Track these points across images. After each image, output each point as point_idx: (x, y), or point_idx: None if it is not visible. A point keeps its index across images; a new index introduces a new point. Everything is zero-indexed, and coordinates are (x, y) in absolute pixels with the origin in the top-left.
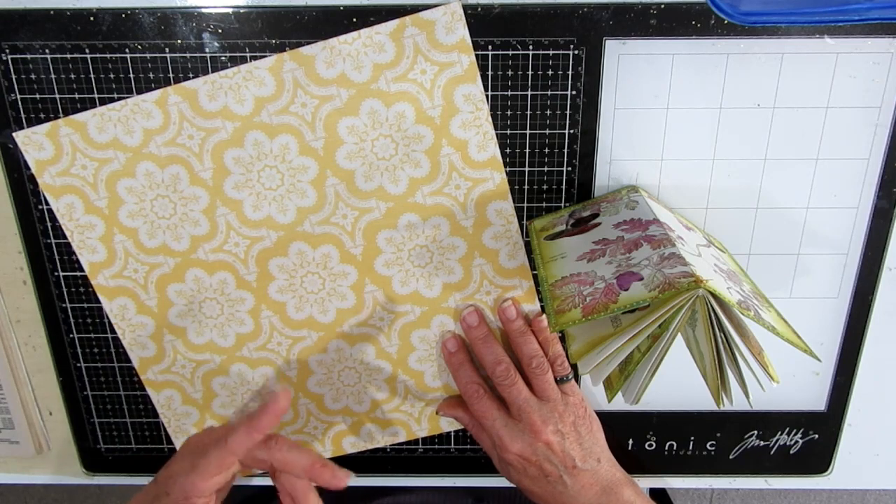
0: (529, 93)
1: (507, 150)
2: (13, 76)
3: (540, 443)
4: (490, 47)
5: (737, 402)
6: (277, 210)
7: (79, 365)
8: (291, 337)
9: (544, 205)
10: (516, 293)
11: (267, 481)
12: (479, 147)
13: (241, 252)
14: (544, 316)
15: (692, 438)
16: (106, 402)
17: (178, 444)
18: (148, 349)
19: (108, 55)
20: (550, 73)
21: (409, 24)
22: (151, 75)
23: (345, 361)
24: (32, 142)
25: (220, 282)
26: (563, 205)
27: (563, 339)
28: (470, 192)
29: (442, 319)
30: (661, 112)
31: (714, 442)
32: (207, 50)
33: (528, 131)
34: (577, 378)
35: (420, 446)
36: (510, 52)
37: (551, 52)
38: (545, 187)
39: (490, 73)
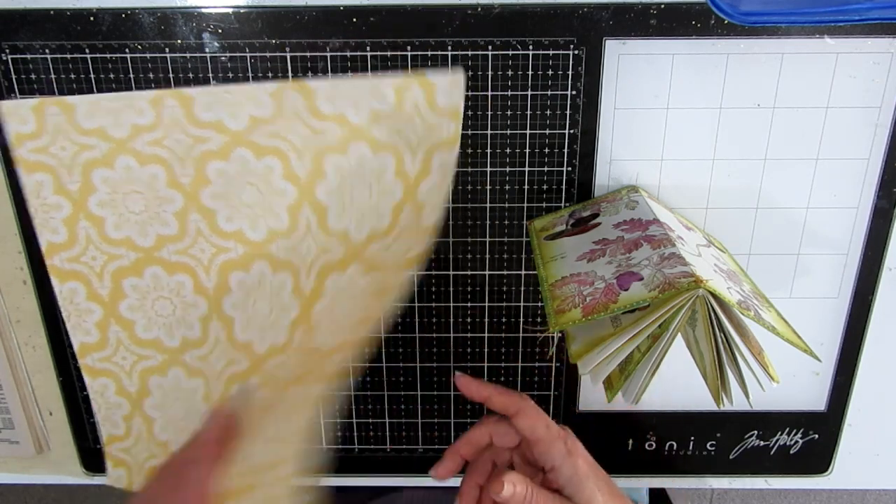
0: (529, 93)
1: (508, 150)
2: (13, 76)
3: None
4: (490, 47)
5: (737, 402)
6: (249, 227)
7: (79, 365)
8: (231, 357)
9: (544, 205)
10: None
11: None
12: (430, 213)
13: (205, 259)
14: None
15: (692, 438)
16: None
17: (103, 430)
18: (91, 335)
19: (108, 55)
20: (550, 73)
21: (414, 83)
22: (151, 75)
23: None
24: (17, 114)
25: (177, 283)
26: (563, 205)
27: (562, 340)
28: (401, 255)
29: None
30: (661, 112)
31: (714, 442)
32: (207, 50)
33: (528, 131)
34: (576, 381)
35: (420, 446)
36: (510, 52)
37: (551, 52)
38: (545, 187)
39: (490, 73)
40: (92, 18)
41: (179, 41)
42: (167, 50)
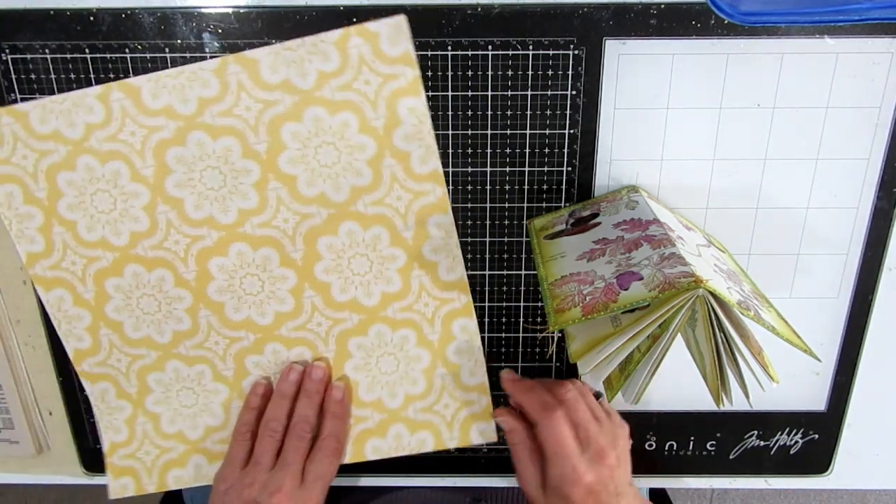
0: (529, 93)
1: (508, 150)
2: (13, 76)
3: (605, 469)
4: (490, 47)
5: (737, 402)
6: (219, 210)
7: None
8: (229, 337)
9: (544, 205)
10: (454, 306)
11: None
12: (422, 160)
13: (180, 250)
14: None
15: (692, 438)
16: None
17: (105, 438)
18: (83, 341)
19: (108, 55)
20: (550, 73)
21: (354, 34)
22: None
23: (281, 364)
24: None
25: (158, 278)
26: (563, 205)
27: (562, 339)
28: (411, 204)
29: (380, 328)
30: (661, 112)
31: (714, 442)
32: (207, 50)
33: (528, 131)
34: (576, 378)
35: None
36: (510, 52)
37: (551, 52)
38: (545, 187)
39: (490, 73)
40: (92, 18)
41: (179, 41)
42: (167, 50)
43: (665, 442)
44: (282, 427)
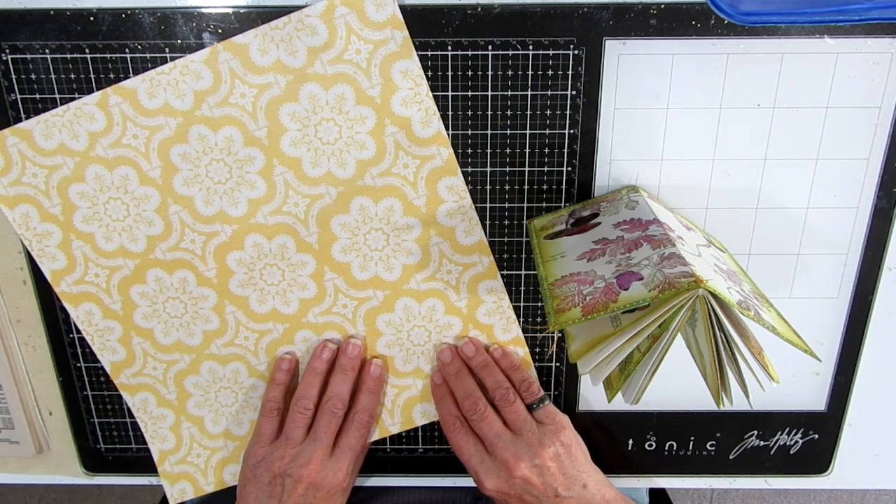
0: (529, 93)
1: (508, 150)
2: (13, 76)
3: (516, 479)
4: (490, 47)
5: (737, 402)
6: (229, 203)
7: (79, 365)
8: (257, 331)
9: (544, 205)
10: (477, 270)
11: None
12: (423, 123)
13: (197, 249)
14: (498, 347)
15: (692, 438)
16: (106, 402)
17: (153, 449)
18: (118, 353)
19: (108, 55)
20: (550, 73)
21: (339, 4)
22: None
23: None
24: None
25: (180, 280)
26: (563, 205)
27: (562, 339)
28: (418, 170)
29: (406, 302)
30: (661, 112)
31: (714, 442)
32: None
33: (528, 131)
34: (576, 381)
35: (420, 446)
36: (510, 52)
37: (551, 52)
38: (545, 187)
39: (490, 73)
40: (92, 18)
41: (179, 41)
42: (167, 50)
43: (665, 442)
44: (312, 405)
